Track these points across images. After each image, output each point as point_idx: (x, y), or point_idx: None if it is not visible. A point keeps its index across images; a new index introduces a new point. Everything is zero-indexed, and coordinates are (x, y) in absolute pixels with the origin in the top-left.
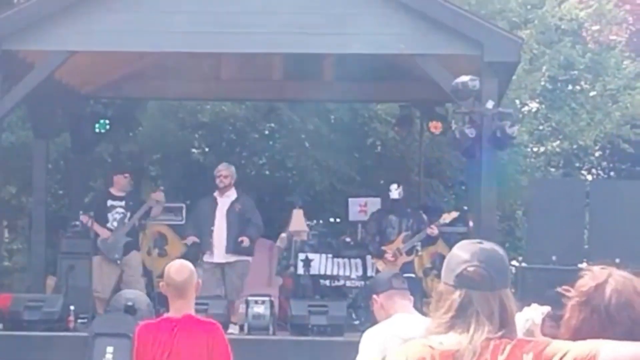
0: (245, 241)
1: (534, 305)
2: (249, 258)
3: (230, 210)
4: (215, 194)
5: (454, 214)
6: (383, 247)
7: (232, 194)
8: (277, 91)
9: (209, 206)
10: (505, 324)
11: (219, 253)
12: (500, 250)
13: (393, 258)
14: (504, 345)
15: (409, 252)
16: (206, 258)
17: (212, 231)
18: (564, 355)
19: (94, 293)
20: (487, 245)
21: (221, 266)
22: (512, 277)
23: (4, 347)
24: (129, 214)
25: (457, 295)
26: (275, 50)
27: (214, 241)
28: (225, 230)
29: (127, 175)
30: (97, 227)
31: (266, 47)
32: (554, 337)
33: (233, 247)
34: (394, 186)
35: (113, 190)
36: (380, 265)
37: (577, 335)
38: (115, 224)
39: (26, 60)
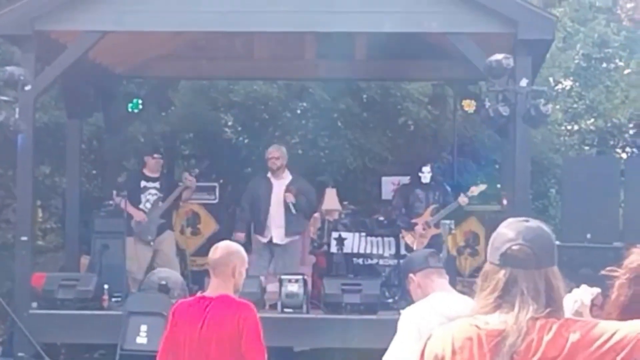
0: (289, 197)
1: (583, 287)
2: (299, 237)
3: (286, 192)
4: (269, 175)
5: (482, 187)
6: (413, 221)
7: (287, 177)
8: (310, 70)
9: (264, 188)
10: (551, 302)
11: (276, 234)
12: (546, 228)
13: (424, 230)
14: (550, 325)
15: (437, 225)
16: (260, 238)
17: (267, 214)
18: (612, 335)
19: (128, 274)
20: (533, 223)
21: (272, 246)
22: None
23: (38, 325)
24: (162, 196)
25: (502, 274)
26: (307, 29)
27: (270, 224)
28: (283, 215)
29: (156, 156)
30: (130, 209)
31: (298, 26)
32: (601, 317)
33: (290, 229)
34: (426, 169)
35: (146, 171)
36: (408, 238)
37: (627, 312)
38: (148, 205)
39: (59, 41)
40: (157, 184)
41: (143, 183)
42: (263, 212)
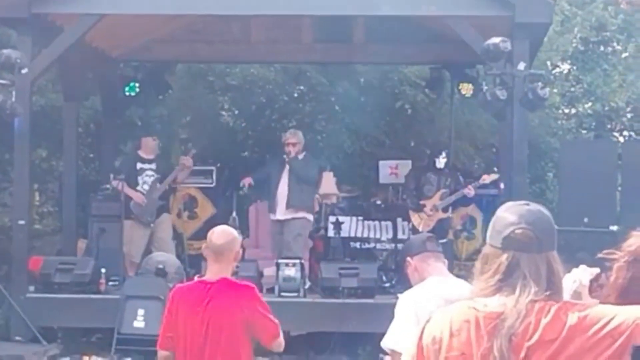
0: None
1: (582, 267)
2: (308, 215)
3: (292, 171)
4: (285, 157)
5: (494, 176)
6: (421, 202)
7: (302, 157)
8: (307, 54)
9: (278, 168)
10: (551, 286)
11: (280, 210)
12: (546, 211)
13: (431, 212)
14: (548, 307)
15: (445, 210)
16: (271, 217)
17: (277, 191)
18: (610, 320)
19: (126, 256)
20: (534, 207)
21: (281, 224)
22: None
23: (36, 309)
24: (159, 177)
25: (504, 257)
26: (305, 12)
27: (277, 199)
28: (286, 186)
29: (155, 138)
30: (129, 191)
31: (296, 9)
32: (600, 298)
33: (293, 202)
34: (442, 154)
35: (142, 153)
36: (415, 219)
37: (625, 294)
38: (145, 187)
39: (56, 24)
40: (153, 165)
41: (139, 165)
42: (273, 191)
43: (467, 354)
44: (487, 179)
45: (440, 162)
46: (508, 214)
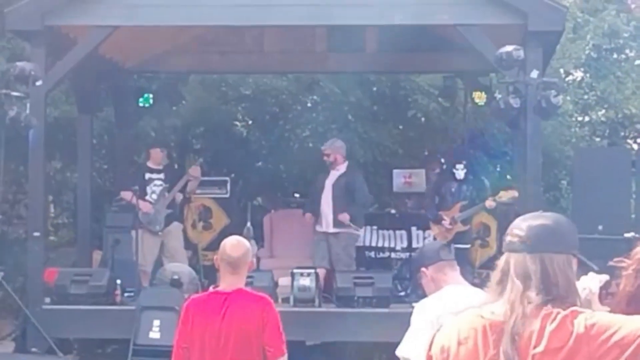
0: (345, 219)
1: (592, 274)
2: (356, 232)
3: (336, 184)
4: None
5: (512, 193)
6: (440, 212)
7: (342, 168)
8: (320, 63)
9: (322, 179)
10: (550, 289)
11: (326, 223)
12: (553, 216)
13: (450, 226)
14: (555, 315)
15: (465, 222)
16: (317, 228)
17: (320, 202)
18: (617, 330)
19: (139, 267)
20: (543, 213)
21: (327, 236)
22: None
23: (51, 321)
24: (167, 186)
25: (502, 260)
26: (318, 23)
27: (322, 212)
28: (331, 203)
29: (163, 149)
30: (135, 201)
31: (309, 19)
32: (610, 306)
33: (337, 220)
34: (460, 166)
35: (150, 164)
36: (434, 230)
37: (634, 302)
38: (154, 196)
39: (69, 36)
40: (161, 175)
41: (147, 175)
42: (317, 201)
43: None
44: (504, 196)
45: (460, 173)
46: (515, 221)
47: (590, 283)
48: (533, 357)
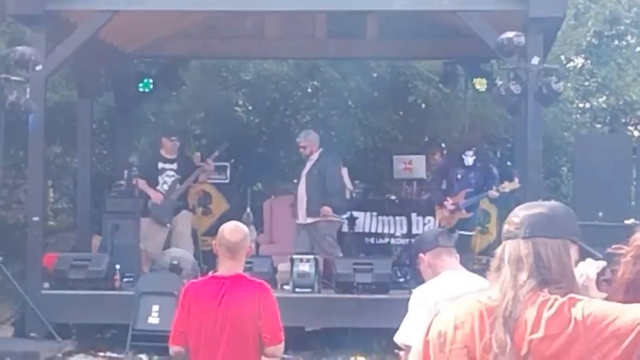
0: (327, 212)
1: (589, 260)
2: (335, 218)
3: (309, 174)
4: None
5: (515, 185)
6: (446, 198)
7: (314, 158)
8: (320, 49)
9: (301, 170)
10: (542, 273)
11: (301, 214)
12: (551, 204)
13: (452, 208)
14: (552, 301)
15: (469, 210)
16: (296, 220)
17: (297, 194)
18: (615, 319)
19: (144, 253)
20: (544, 202)
21: (306, 227)
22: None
23: (50, 306)
24: (179, 177)
25: (499, 248)
26: (318, 8)
27: (298, 203)
28: (305, 194)
29: (174, 138)
30: (148, 189)
31: (309, 5)
32: (608, 293)
33: (311, 209)
34: (469, 152)
35: (163, 153)
36: (438, 214)
37: (632, 289)
38: (165, 187)
39: (70, 20)
40: (174, 166)
41: (160, 164)
42: (295, 193)
43: (470, 346)
44: (507, 186)
45: (469, 160)
46: (513, 212)
47: (587, 269)
48: (530, 342)
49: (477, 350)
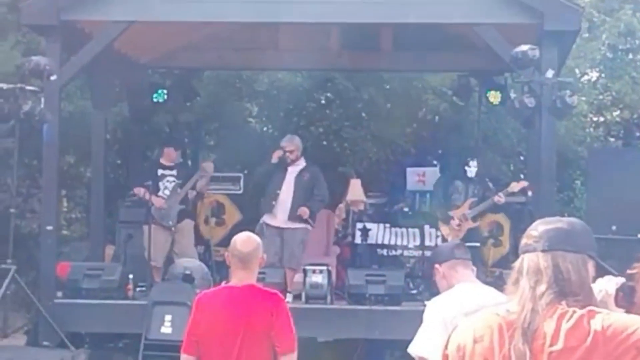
0: (304, 213)
1: (608, 277)
2: (309, 227)
3: (298, 178)
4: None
5: (523, 183)
6: (449, 213)
7: (301, 163)
8: (334, 61)
9: (279, 172)
10: (561, 285)
11: (281, 218)
12: (571, 220)
13: (459, 224)
14: (571, 314)
15: (475, 219)
16: (268, 220)
17: (277, 195)
18: (635, 330)
19: (151, 263)
20: (563, 218)
21: (281, 231)
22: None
23: (63, 315)
24: (180, 182)
25: (517, 262)
26: (332, 20)
27: (278, 205)
28: (291, 197)
29: (177, 148)
30: (147, 196)
31: (324, 17)
32: (627, 309)
33: (295, 214)
34: (473, 163)
35: (163, 161)
36: (444, 230)
37: None
38: (166, 192)
39: (84, 31)
40: (174, 172)
41: (160, 171)
42: (273, 195)
43: (489, 359)
44: (516, 187)
45: (471, 170)
46: (532, 226)
47: (606, 285)
48: (550, 355)
49: None
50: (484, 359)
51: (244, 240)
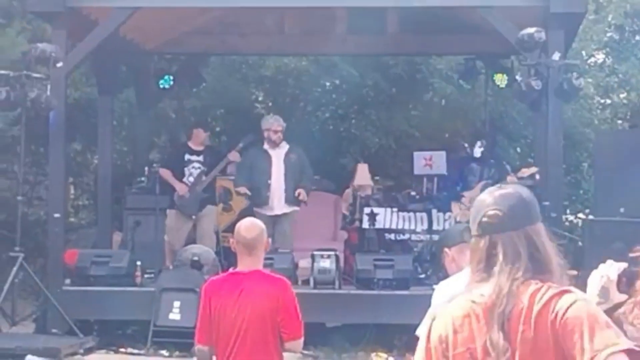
0: (302, 194)
1: (609, 261)
2: (298, 208)
3: (286, 161)
4: (265, 146)
5: (533, 169)
6: (462, 193)
7: (284, 145)
8: (340, 45)
9: (263, 159)
10: (535, 263)
11: (277, 204)
12: (518, 188)
13: (469, 204)
14: (543, 292)
15: None
16: (262, 211)
17: (269, 185)
18: (581, 335)
19: (167, 245)
20: (508, 188)
21: (274, 217)
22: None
23: (71, 302)
24: (205, 169)
25: (482, 243)
26: (338, 4)
27: (272, 194)
28: (283, 182)
29: (206, 130)
30: (173, 181)
31: (329, 1)
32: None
33: (291, 197)
34: (478, 143)
35: (191, 144)
36: (455, 209)
37: None
38: (191, 179)
39: (90, 17)
40: (200, 158)
41: (187, 156)
42: (264, 186)
43: (472, 348)
44: (526, 172)
45: (477, 151)
46: (479, 200)
47: (608, 270)
48: (522, 334)
49: (479, 352)
50: (466, 349)
51: (248, 226)
